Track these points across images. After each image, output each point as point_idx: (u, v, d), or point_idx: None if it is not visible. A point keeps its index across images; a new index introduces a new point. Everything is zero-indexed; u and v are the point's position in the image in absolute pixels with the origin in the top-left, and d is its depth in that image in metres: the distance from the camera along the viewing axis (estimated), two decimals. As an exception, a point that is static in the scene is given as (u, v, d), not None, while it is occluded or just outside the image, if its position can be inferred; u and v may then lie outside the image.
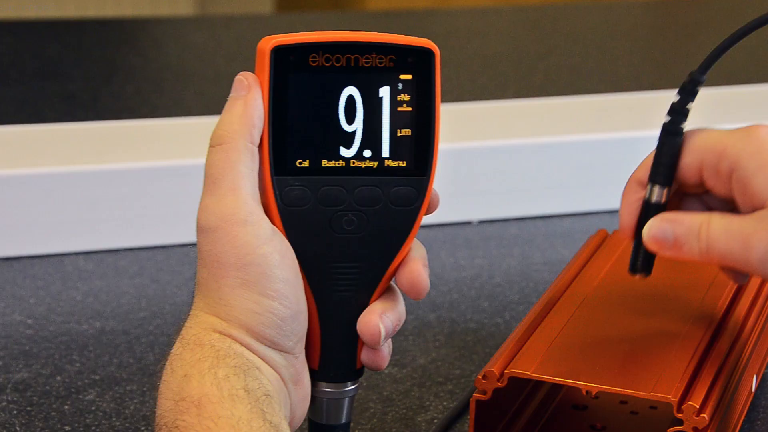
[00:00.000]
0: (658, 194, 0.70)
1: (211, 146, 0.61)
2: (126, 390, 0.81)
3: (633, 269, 0.71)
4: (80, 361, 0.85)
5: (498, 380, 0.69)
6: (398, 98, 0.62)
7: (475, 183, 1.13)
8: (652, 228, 0.68)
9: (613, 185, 0.76)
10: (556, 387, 0.78)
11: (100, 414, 0.78)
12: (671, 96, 0.70)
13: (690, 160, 0.69)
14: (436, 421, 0.78)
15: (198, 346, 0.59)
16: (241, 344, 0.60)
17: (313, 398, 0.65)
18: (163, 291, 0.97)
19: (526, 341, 0.72)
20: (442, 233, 1.11)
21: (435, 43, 0.62)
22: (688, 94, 0.70)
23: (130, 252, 1.03)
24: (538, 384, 0.77)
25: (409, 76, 0.62)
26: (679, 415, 0.66)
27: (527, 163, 1.14)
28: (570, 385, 0.68)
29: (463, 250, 1.07)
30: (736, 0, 2.08)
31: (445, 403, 0.80)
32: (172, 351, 0.60)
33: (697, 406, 0.65)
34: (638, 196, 0.70)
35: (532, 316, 0.75)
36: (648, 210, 0.70)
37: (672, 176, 0.70)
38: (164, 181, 1.04)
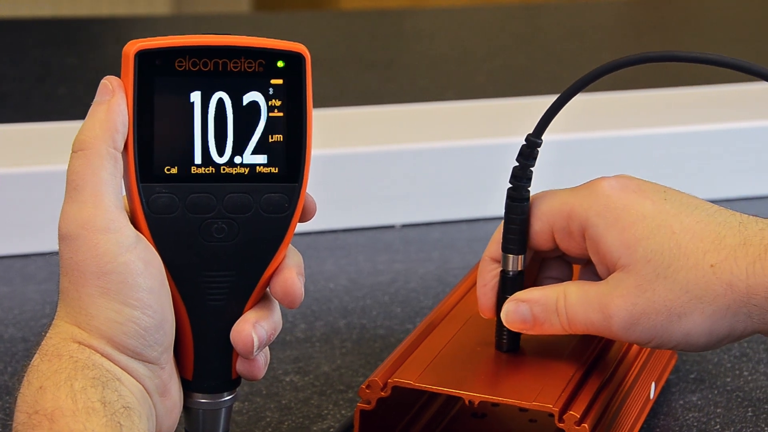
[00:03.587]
0: (513, 263, 0.69)
1: (72, 152, 0.59)
2: (18, 399, 0.79)
3: (499, 348, 0.70)
4: (-27, 370, 0.83)
5: (382, 390, 0.68)
6: (269, 103, 0.61)
7: (398, 186, 1.12)
8: (509, 313, 0.68)
9: (542, 188, 0.74)
10: (455, 396, 0.77)
11: (-13, 424, 0.76)
12: (615, 98, 0.68)
13: (540, 227, 0.68)
14: (331, 430, 0.77)
15: (56, 357, 0.58)
16: (102, 355, 0.59)
17: (189, 409, 0.64)
18: (70, 297, 0.95)
19: (414, 351, 0.71)
20: (363, 237, 1.09)
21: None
22: (527, 158, 0.68)
23: (40, 257, 1.02)
24: (435, 393, 0.76)
25: (279, 81, 0.61)
26: (561, 425, 0.65)
27: (452, 165, 1.13)
28: (451, 394, 0.67)
29: (383, 254, 1.06)
30: (686, 2, 2.07)
31: (343, 412, 0.79)
32: (31, 362, 0.59)
33: (578, 416, 0.64)
34: (493, 273, 0.70)
35: (423, 325, 0.74)
36: (505, 282, 0.69)
37: (524, 242, 0.68)
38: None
